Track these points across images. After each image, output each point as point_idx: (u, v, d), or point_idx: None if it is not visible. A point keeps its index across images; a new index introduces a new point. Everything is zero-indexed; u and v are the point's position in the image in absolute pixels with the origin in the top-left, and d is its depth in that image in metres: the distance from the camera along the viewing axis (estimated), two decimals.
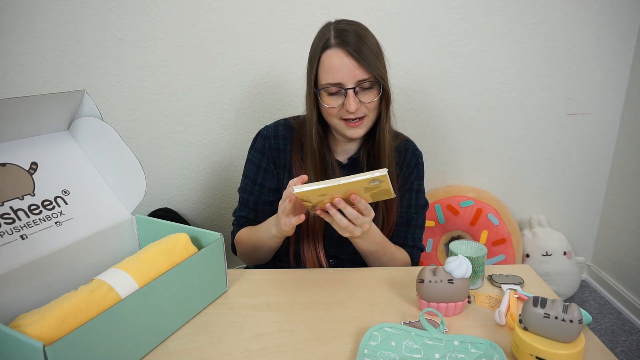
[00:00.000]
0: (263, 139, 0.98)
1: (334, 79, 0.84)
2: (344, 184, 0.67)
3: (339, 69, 0.84)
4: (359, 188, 0.69)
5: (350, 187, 0.68)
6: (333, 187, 0.67)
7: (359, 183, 0.67)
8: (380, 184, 0.69)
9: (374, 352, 0.60)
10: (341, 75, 0.84)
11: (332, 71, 0.84)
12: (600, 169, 1.78)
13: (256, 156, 0.99)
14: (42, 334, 0.51)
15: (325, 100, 0.88)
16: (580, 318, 0.55)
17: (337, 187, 0.67)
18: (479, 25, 1.56)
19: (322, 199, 0.71)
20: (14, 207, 0.66)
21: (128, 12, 1.45)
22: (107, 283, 0.60)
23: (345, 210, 0.73)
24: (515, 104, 1.67)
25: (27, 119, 0.70)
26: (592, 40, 1.60)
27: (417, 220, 1.01)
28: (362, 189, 0.70)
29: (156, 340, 0.64)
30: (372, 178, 0.66)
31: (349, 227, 0.74)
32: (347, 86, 0.84)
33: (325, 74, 0.86)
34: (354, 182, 0.67)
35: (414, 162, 1.00)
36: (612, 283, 1.78)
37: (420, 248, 1.01)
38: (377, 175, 0.66)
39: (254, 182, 0.99)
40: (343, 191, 0.70)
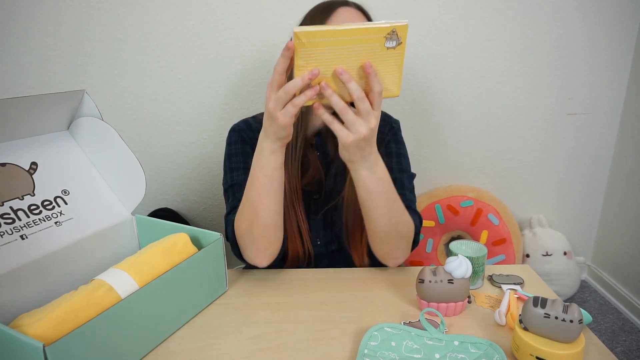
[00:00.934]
0: (237, 132, 0.90)
1: None
2: (355, 29, 0.55)
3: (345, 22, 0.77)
4: (372, 48, 0.58)
5: (362, 40, 0.56)
6: (342, 31, 0.56)
7: (374, 32, 0.56)
8: (397, 46, 0.58)
9: (374, 352, 0.60)
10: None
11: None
12: (600, 169, 1.78)
13: (238, 146, 0.89)
14: (42, 334, 0.51)
15: None
16: (580, 318, 0.55)
17: (347, 33, 0.56)
18: (479, 25, 1.56)
19: (327, 60, 0.58)
20: (14, 207, 0.66)
21: (128, 12, 1.45)
22: (107, 283, 0.60)
23: (350, 84, 0.59)
24: (515, 103, 1.67)
25: (27, 119, 0.70)
26: (592, 40, 1.60)
27: (402, 181, 0.87)
28: (375, 49, 0.58)
29: (156, 340, 0.64)
30: (392, 27, 0.55)
31: (351, 117, 0.61)
32: None
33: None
34: (369, 28, 0.56)
35: (387, 128, 0.92)
36: (612, 283, 1.78)
37: (417, 212, 0.85)
38: (398, 25, 0.55)
39: (245, 169, 0.85)
40: (352, 56, 0.58)
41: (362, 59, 0.59)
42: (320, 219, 0.89)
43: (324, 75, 0.59)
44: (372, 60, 0.59)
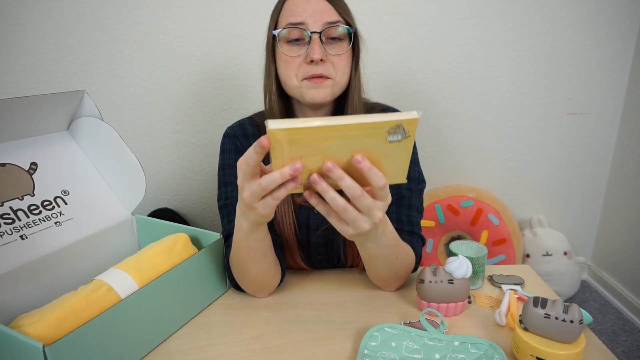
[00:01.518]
0: (231, 139, 0.84)
1: (295, 19, 0.70)
2: (346, 125, 0.42)
3: (304, 9, 0.70)
4: (370, 142, 0.45)
5: (356, 135, 0.43)
6: (331, 127, 0.42)
7: (373, 128, 0.42)
8: (404, 139, 0.45)
9: (374, 352, 0.60)
10: (305, 14, 0.69)
11: (294, 11, 0.70)
12: (600, 169, 1.78)
13: (231, 156, 0.83)
14: (42, 334, 0.51)
15: (284, 49, 0.72)
16: (580, 318, 0.55)
17: (333, 130, 0.42)
18: (479, 26, 1.56)
19: (313, 155, 0.46)
20: (14, 207, 0.66)
21: (128, 12, 1.45)
22: (107, 283, 0.60)
23: (343, 182, 0.48)
24: (515, 104, 1.67)
25: (27, 119, 0.70)
26: (592, 40, 1.60)
27: (410, 199, 0.79)
28: (374, 145, 0.46)
29: (156, 340, 0.64)
30: (397, 122, 0.42)
31: (351, 215, 0.50)
32: (311, 29, 0.70)
33: (287, 16, 0.71)
34: (367, 123, 0.42)
35: None
36: (613, 283, 1.78)
37: (420, 237, 0.80)
38: (405, 119, 0.42)
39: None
40: (344, 147, 0.45)
41: (356, 151, 0.46)
42: (321, 235, 0.83)
43: (308, 168, 0.47)
44: (370, 153, 0.46)
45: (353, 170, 0.47)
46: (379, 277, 0.74)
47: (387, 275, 0.72)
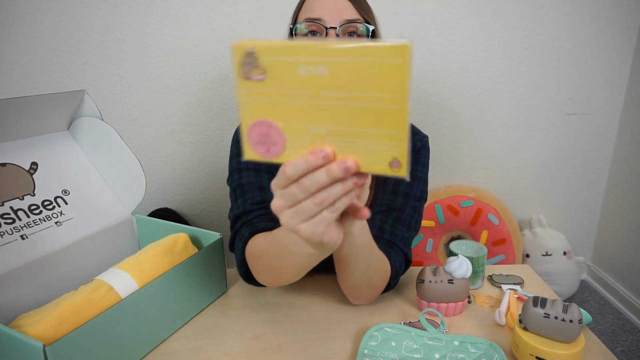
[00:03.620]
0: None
1: (313, 14, 0.69)
2: (336, 48, 0.33)
3: (323, 5, 0.69)
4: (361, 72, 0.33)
5: (347, 58, 0.33)
6: (312, 48, 0.33)
7: (362, 52, 0.32)
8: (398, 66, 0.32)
9: (374, 352, 0.60)
10: (324, 10, 0.69)
11: (313, 7, 0.70)
12: (600, 169, 1.78)
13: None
14: (42, 334, 0.51)
15: None
16: (580, 318, 0.55)
17: (319, 51, 0.33)
18: (479, 26, 1.56)
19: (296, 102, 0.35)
20: (14, 207, 0.66)
21: (128, 12, 1.45)
22: (107, 283, 0.60)
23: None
24: (515, 104, 1.67)
25: (27, 119, 0.70)
26: (592, 40, 1.60)
27: (401, 213, 0.73)
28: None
29: (156, 340, 0.64)
30: (390, 47, 0.31)
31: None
32: (328, 24, 0.68)
33: (306, 12, 0.71)
34: (356, 48, 0.32)
35: (415, 145, 0.80)
36: (612, 283, 1.78)
37: (403, 251, 0.72)
38: (396, 44, 0.31)
39: (256, 170, 0.75)
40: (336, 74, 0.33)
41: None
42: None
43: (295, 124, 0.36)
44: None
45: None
46: (352, 282, 0.66)
47: (361, 279, 0.65)
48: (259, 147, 0.38)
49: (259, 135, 0.38)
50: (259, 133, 0.37)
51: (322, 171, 0.35)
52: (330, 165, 0.35)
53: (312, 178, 0.36)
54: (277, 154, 0.38)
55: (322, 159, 0.35)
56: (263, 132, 0.37)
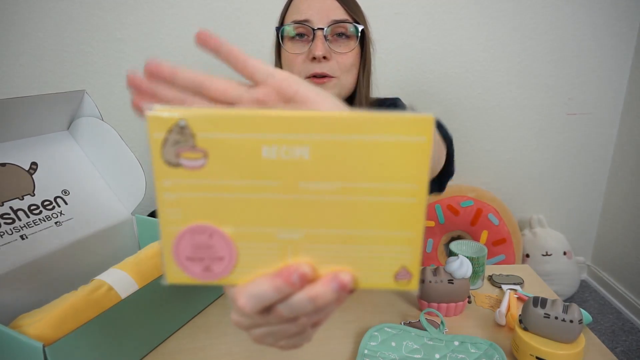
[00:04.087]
0: None
1: (300, 16, 0.67)
2: (323, 119, 0.23)
3: (310, 6, 0.67)
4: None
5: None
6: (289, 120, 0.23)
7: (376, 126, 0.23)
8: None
9: (374, 352, 0.60)
10: (311, 11, 0.67)
11: (300, 8, 0.68)
12: (600, 169, 1.78)
13: None
14: (42, 334, 0.51)
15: (287, 46, 0.69)
16: (580, 318, 0.55)
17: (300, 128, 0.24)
18: (479, 26, 1.56)
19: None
20: (14, 207, 0.66)
21: (128, 12, 1.45)
22: (107, 283, 0.60)
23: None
24: (515, 104, 1.67)
25: (27, 119, 0.70)
26: (592, 40, 1.60)
27: None
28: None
29: (156, 340, 0.64)
30: (406, 120, 0.23)
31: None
32: (316, 25, 0.67)
33: (292, 13, 0.69)
34: (354, 120, 0.23)
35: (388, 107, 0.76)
36: (612, 283, 1.78)
37: None
38: (416, 116, 0.23)
39: None
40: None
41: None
42: None
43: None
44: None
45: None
46: None
47: None
48: (191, 265, 0.26)
49: (192, 247, 0.26)
50: (193, 245, 0.26)
51: (304, 299, 0.25)
52: (317, 288, 0.25)
53: (292, 308, 0.25)
54: (222, 274, 0.26)
55: (298, 280, 0.25)
56: (199, 243, 0.26)
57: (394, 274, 0.26)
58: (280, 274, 0.25)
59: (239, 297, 0.26)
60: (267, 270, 0.26)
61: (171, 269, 0.27)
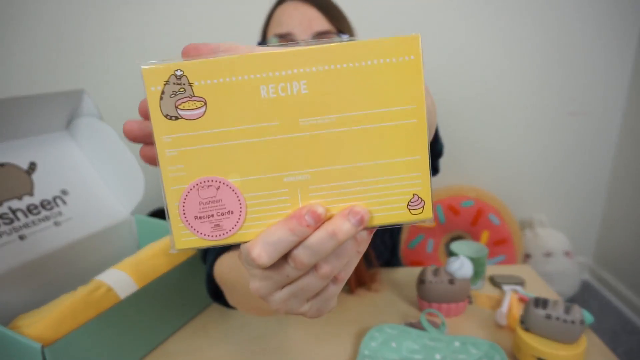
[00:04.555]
0: None
1: (281, 29, 0.65)
2: (318, 50, 0.24)
3: (291, 17, 0.65)
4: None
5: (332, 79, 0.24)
6: (287, 54, 0.24)
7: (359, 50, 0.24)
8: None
9: (374, 352, 0.60)
10: (293, 23, 0.64)
11: (281, 21, 0.66)
12: (601, 168, 1.78)
13: None
14: (40, 335, 0.51)
15: None
16: (581, 319, 0.55)
17: (296, 60, 0.24)
18: (479, 25, 1.56)
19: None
20: (13, 207, 0.66)
21: (128, 12, 1.45)
22: (106, 283, 0.60)
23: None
24: (515, 103, 1.67)
25: (25, 119, 0.70)
26: (593, 40, 1.59)
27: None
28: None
29: (155, 341, 0.64)
30: (395, 41, 0.24)
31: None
32: (298, 38, 0.65)
33: (274, 26, 0.67)
34: (348, 47, 0.24)
35: None
36: (614, 283, 1.77)
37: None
38: (402, 36, 0.24)
39: None
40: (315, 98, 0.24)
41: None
42: None
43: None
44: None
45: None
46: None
47: None
48: (200, 224, 0.25)
49: (199, 204, 0.25)
50: (200, 201, 0.25)
51: (326, 236, 0.24)
52: (335, 221, 0.24)
53: (312, 250, 0.24)
54: (233, 230, 0.25)
55: (312, 220, 0.24)
56: (207, 198, 0.25)
57: (406, 203, 0.26)
58: (293, 216, 0.24)
59: (253, 248, 0.25)
60: (277, 220, 0.25)
61: (179, 232, 0.25)
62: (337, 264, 0.26)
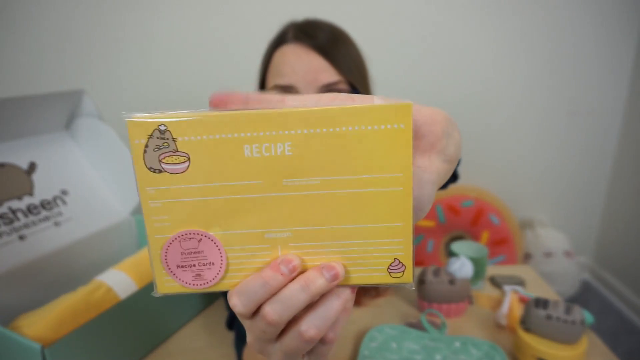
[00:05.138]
0: None
1: (282, 80, 0.57)
2: (303, 113, 0.24)
3: (293, 68, 0.57)
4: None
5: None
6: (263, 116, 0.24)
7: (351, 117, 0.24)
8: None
9: (374, 353, 0.59)
10: (295, 76, 0.57)
11: (282, 71, 0.58)
12: (601, 168, 1.78)
13: None
14: (40, 335, 0.51)
15: None
16: (582, 319, 0.55)
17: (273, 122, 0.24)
18: (479, 25, 1.56)
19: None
20: (13, 207, 0.66)
21: (128, 11, 1.45)
22: (106, 284, 0.60)
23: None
24: (516, 103, 1.67)
25: (25, 119, 0.70)
26: (593, 40, 1.59)
27: None
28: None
29: (155, 341, 0.64)
30: (386, 108, 0.24)
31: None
32: (302, 92, 0.57)
33: (274, 74, 0.59)
34: (334, 112, 0.24)
35: None
36: (614, 283, 1.77)
37: None
38: (393, 103, 0.24)
39: None
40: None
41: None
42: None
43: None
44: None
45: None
46: None
47: None
48: (182, 273, 0.26)
49: (182, 254, 0.25)
50: (183, 251, 0.25)
51: (297, 288, 0.24)
52: (309, 276, 0.24)
53: (282, 303, 0.24)
54: (214, 280, 0.26)
55: (288, 272, 0.24)
56: (189, 249, 0.25)
57: (386, 266, 0.26)
58: (269, 266, 0.25)
59: (231, 297, 0.25)
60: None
61: (161, 278, 0.26)
62: (322, 325, 0.25)
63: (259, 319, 0.25)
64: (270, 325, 0.25)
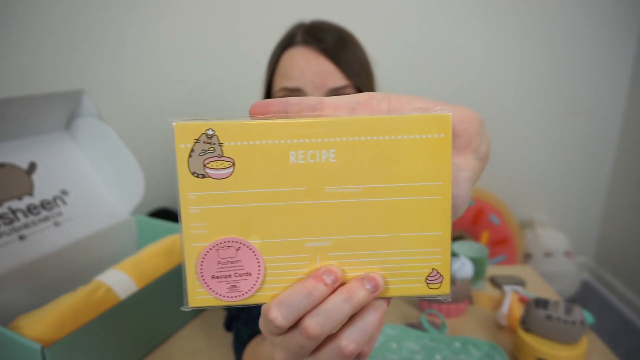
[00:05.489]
0: None
1: (289, 83, 0.58)
2: (350, 122, 0.24)
3: (301, 71, 0.58)
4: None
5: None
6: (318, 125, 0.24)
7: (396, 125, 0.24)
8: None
9: (374, 353, 0.59)
10: (303, 79, 0.57)
11: (289, 74, 0.59)
12: (601, 168, 1.78)
13: None
14: (40, 336, 0.51)
15: None
16: (582, 319, 0.55)
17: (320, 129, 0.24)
18: (479, 26, 1.56)
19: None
20: (13, 207, 0.66)
21: (128, 12, 1.45)
22: (106, 284, 0.60)
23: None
24: (516, 103, 1.67)
25: (25, 119, 0.70)
26: (593, 39, 1.59)
27: None
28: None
29: (155, 341, 0.64)
30: (428, 118, 0.24)
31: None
32: (309, 95, 0.58)
33: (281, 77, 0.60)
34: (380, 121, 0.24)
35: None
36: (614, 283, 1.77)
37: None
38: (435, 114, 0.25)
39: None
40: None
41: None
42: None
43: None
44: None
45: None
46: None
47: None
48: (217, 284, 0.25)
49: (218, 264, 0.25)
50: (219, 260, 0.25)
51: (340, 300, 0.24)
52: (352, 287, 0.24)
53: (325, 316, 0.23)
54: (249, 292, 0.25)
55: (331, 281, 0.24)
56: (226, 258, 0.25)
57: (424, 277, 0.26)
58: (310, 276, 0.24)
59: (270, 309, 0.24)
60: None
61: (194, 290, 0.25)
62: (361, 339, 0.25)
63: (296, 333, 0.24)
64: (311, 339, 0.24)
